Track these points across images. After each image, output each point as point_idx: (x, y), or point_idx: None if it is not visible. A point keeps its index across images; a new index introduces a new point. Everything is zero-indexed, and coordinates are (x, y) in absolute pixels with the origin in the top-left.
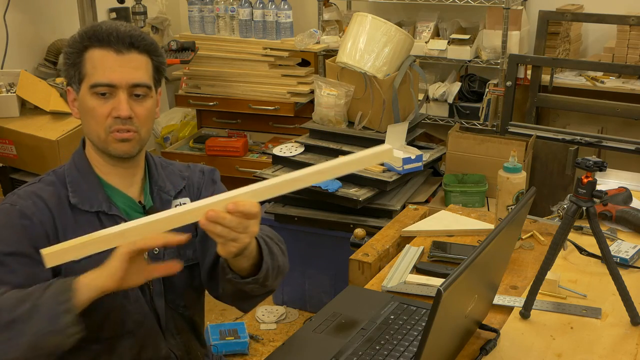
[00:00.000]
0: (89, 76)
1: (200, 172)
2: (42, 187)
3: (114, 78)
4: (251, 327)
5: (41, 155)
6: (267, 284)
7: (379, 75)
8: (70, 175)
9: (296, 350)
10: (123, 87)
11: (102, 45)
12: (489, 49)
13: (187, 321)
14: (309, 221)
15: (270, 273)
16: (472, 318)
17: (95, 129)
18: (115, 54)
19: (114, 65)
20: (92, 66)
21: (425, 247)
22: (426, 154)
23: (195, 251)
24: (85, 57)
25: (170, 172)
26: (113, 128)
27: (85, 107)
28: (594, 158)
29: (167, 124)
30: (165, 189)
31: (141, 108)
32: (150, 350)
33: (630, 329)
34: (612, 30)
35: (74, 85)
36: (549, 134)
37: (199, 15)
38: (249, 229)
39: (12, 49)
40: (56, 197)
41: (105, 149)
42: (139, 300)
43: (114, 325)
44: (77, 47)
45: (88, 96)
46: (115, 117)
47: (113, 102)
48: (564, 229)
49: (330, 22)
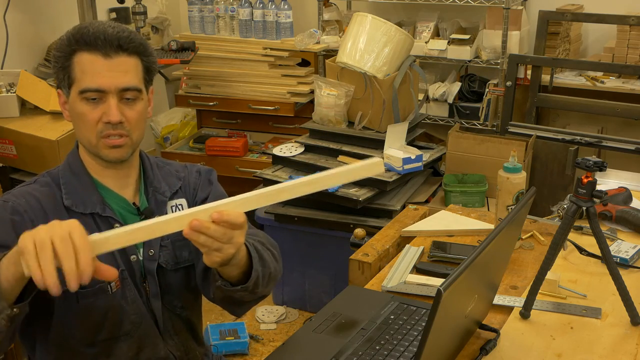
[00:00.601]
0: (78, 81)
1: (197, 172)
2: (37, 188)
3: (102, 83)
4: (251, 327)
5: (41, 155)
6: (257, 291)
7: (379, 75)
8: (65, 177)
9: (296, 350)
10: (112, 92)
11: (89, 49)
12: (489, 49)
13: (184, 322)
14: (309, 221)
15: (260, 281)
16: (472, 318)
17: (86, 134)
18: (103, 58)
19: (102, 70)
20: (80, 71)
21: (425, 247)
22: (426, 154)
23: (191, 252)
24: (74, 61)
25: (167, 172)
26: (104, 133)
27: (75, 112)
28: (594, 158)
29: (167, 124)
30: (161, 189)
31: (132, 112)
32: (148, 351)
33: (630, 329)
34: (612, 30)
35: (63, 88)
36: (549, 134)
37: (199, 15)
38: (234, 240)
39: (12, 49)
40: (52, 199)
41: (97, 153)
42: (137, 301)
43: (111, 327)
44: (65, 51)
45: (78, 101)
46: (106, 122)
47: (103, 107)
48: (564, 229)
49: (330, 22)
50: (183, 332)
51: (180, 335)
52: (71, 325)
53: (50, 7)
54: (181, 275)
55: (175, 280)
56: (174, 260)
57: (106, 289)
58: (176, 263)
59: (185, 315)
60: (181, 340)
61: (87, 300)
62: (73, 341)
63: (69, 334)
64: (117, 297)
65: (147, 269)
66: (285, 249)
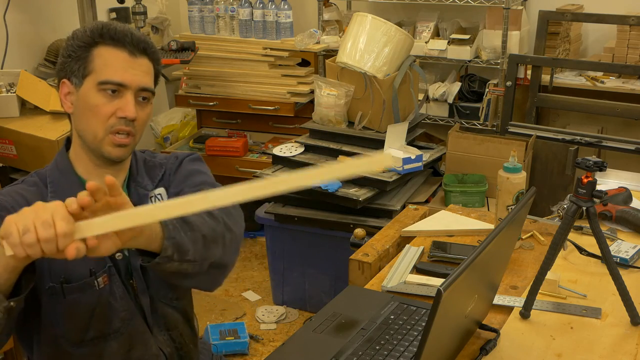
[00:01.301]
0: (98, 72)
1: (174, 158)
2: (25, 188)
3: (126, 78)
4: (251, 327)
5: (41, 155)
6: (189, 259)
7: (379, 75)
8: (52, 176)
9: (296, 350)
10: (133, 88)
11: (115, 44)
12: (489, 49)
13: (180, 313)
14: (309, 221)
15: (187, 247)
16: (472, 318)
17: (94, 126)
18: (129, 55)
19: (126, 66)
20: (102, 63)
21: (425, 247)
22: (426, 154)
23: None
24: (94, 53)
25: (152, 165)
26: (115, 128)
27: (87, 103)
28: (594, 158)
29: (167, 124)
30: (142, 184)
31: (143, 112)
32: (139, 349)
33: (630, 329)
34: (612, 30)
35: (73, 78)
36: (549, 134)
37: (199, 15)
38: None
39: (12, 49)
40: (39, 198)
41: (98, 149)
42: (125, 297)
43: (100, 325)
44: (86, 41)
45: (93, 92)
46: (121, 117)
47: (119, 102)
48: (564, 229)
49: (330, 22)
50: (180, 325)
51: (173, 330)
52: (59, 324)
53: (50, 7)
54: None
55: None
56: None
57: (93, 284)
58: None
59: (181, 306)
60: (173, 335)
61: (73, 296)
62: (63, 340)
63: (59, 333)
64: (104, 294)
65: (133, 265)
66: (285, 249)
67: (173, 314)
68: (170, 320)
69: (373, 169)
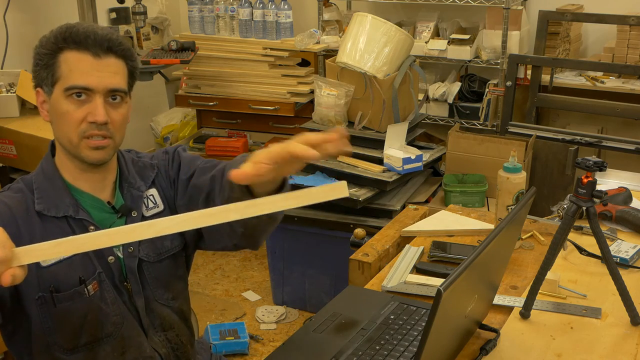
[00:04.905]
0: (64, 79)
1: (164, 153)
2: (10, 195)
3: (91, 82)
4: (251, 327)
5: (41, 156)
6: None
7: (379, 75)
8: (37, 182)
9: (296, 350)
10: (100, 91)
11: (78, 47)
12: (489, 49)
13: (176, 313)
14: (309, 221)
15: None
16: (472, 318)
17: (68, 133)
18: (93, 57)
19: (91, 69)
20: (67, 69)
21: (425, 247)
22: (426, 154)
23: (173, 240)
24: (60, 59)
25: (142, 166)
26: (87, 133)
27: (57, 111)
28: (594, 158)
29: (167, 124)
30: (135, 185)
31: (117, 114)
32: (133, 351)
33: (630, 329)
34: (612, 30)
35: (45, 87)
36: (549, 134)
37: (199, 15)
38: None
39: (12, 49)
40: (24, 205)
41: (77, 154)
42: (116, 301)
43: (92, 330)
44: (51, 48)
45: (62, 99)
46: (91, 122)
47: (89, 106)
48: (564, 229)
49: (330, 22)
50: (176, 325)
51: (168, 331)
52: (51, 332)
53: (50, 7)
54: (167, 264)
55: (161, 271)
56: (155, 251)
57: (82, 292)
58: (158, 254)
59: (177, 306)
60: (169, 336)
61: (64, 304)
62: (55, 348)
63: (51, 342)
64: (95, 300)
65: (128, 267)
66: (285, 248)
67: (169, 315)
68: (167, 321)
69: (328, 199)
